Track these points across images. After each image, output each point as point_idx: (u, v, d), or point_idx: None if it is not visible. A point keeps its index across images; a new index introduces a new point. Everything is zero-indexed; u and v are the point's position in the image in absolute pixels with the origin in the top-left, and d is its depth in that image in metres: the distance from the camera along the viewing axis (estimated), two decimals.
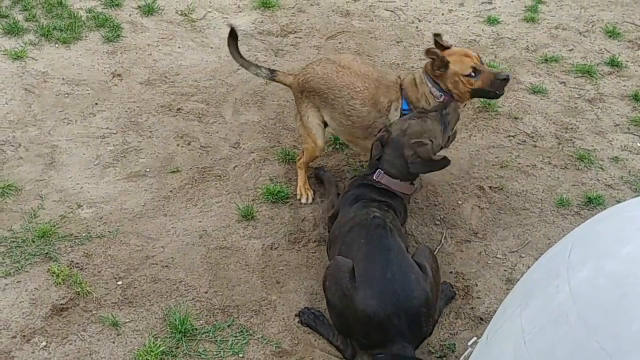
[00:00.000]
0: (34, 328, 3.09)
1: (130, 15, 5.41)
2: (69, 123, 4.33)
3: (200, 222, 3.74)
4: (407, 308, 2.89)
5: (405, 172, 3.38)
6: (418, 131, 3.37)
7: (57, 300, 3.22)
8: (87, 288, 3.29)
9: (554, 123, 4.62)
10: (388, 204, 3.35)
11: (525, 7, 5.90)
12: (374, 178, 3.39)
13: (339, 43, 5.30)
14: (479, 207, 3.98)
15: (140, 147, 4.20)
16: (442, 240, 3.73)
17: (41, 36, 5.04)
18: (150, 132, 4.33)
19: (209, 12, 5.58)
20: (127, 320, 3.16)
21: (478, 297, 3.44)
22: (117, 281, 3.36)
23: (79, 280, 3.32)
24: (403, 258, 3.05)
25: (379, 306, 2.88)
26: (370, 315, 2.88)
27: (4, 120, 4.26)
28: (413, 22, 5.65)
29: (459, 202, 4.00)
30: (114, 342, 3.07)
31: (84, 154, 4.11)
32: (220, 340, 3.12)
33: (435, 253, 3.47)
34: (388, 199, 3.37)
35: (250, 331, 3.18)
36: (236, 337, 3.15)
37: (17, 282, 3.29)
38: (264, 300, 3.34)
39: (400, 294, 2.90)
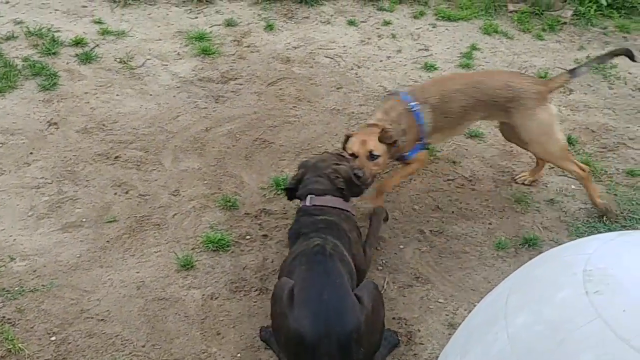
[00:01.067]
0: None
1: (67, 63, 5.35)
2: (3, 173, 4.21)
3: (137, 272, 3.65)
4: (338, 331, 2.90)
5: (332, 187, 3.59)
6: (334, 158, 3.74)
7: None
8: (19, 345, 3.16)
9: (491, 166, 4.72)
10: (330, 227, 3.42)
11: (461, 53, 6.08)
12: (308, 204, 3.52)
13: (280, 89, 5.34)
14: (420, 250, 4.01)
15: (76, 197, 4.10)
16: (385, 286, 3.73)
17: None
18: (87, 181, 4.24)
19: (149, 59, 5.56)
20: None
21: (421, 343, 3.42)
22: (50, 337, 3.24)
23: (11, 337, 3.18)
24: (341, 283, 3.08)
25: (310, 326, 2.89)
26: (302, 334, 2.89)
27: None
28: (352, 69, 5.74)
29: (401, 247, 4.02)
30: None
31: (17, 205, 3.99)
32: None
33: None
34: (328, 221, 3.45)
35: None
36: None
37: None
38: (203, 352, 3.26)
39: (333, 316, 2.92)
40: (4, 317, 3.30)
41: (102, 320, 3.36)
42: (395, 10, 6.73)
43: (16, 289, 3.46)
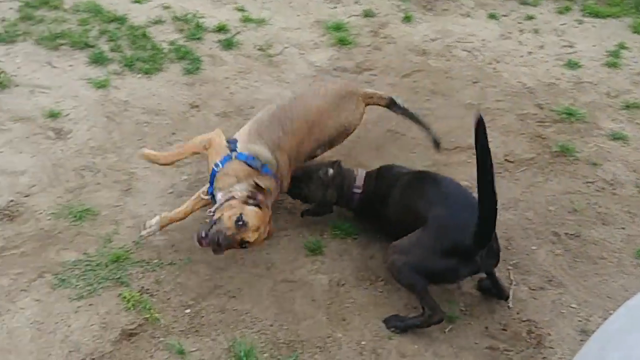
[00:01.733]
0: (103, 352, 3.13)
1: (210, 49, 5.56)
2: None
3: (268, 254, 3.74)
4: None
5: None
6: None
7: (126, 325, 3.26)
8: (156, 314, 3.32)
9: (634, 171, 4.46)
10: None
11: (607, 52, 5.76)
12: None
13: (414, 81, 5.28)
14: (554, 253, 3.86)
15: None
16: (512, 286, 3.61)
17: (125, 66, 5.22)
18: None
19: (287, 47, 5.67)
20: (193, 349, 3.17)
21: (551, 347, 3.31)
22: (185, 309, 3.39)
23: (149, 307, 3.35)
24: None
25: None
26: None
27: (85, 146, 4.41)
28: (490, 63, 5.59)
29: (533, 248, 3.88)
30: None
31: (159, 182, 4.19)
32: None
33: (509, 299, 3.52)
34: None
35: None
36: None
37: (90, 305, 3.35)
38: (329, 337, 3.29)
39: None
40: (143, 287, 3.48)
41: (233, 297, 3.47)
42: (539, 4, 6.48)
43: (155, 261, 3.64)
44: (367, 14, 6.21)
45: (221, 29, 5.77)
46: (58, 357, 3.08)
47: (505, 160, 4.53)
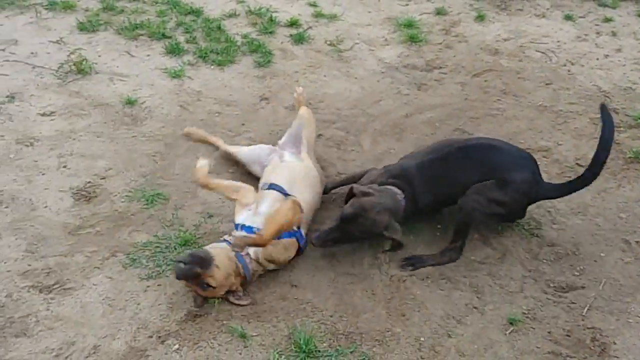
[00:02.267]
0: (169, 330, 3.24)
1: (282, 43, 5.64)
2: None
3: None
4: None
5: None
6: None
7: (192, 306, 3.36)
8: (219, 300, 3.41)
9: None
10: None
11: None
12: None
13: (485, 81, 5.23)
14: (623, 261, 3.76)
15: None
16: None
17: (199, 57, 5.36)
18: None
19: (357, 43, 5.70)
20: (255, 334, 3.24)
21: (615, 357, 3.23)
22: (249, 294, 3.46)
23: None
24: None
25: None
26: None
27: (159, 133, 4.56)
28: (565, 65, 5.48)
29: (602, 255, 3.79)
30: (240, 354, 3.15)
31: (228, 171, 4.29)
32: None
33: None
34: None
35: None
36: None
37: (158, 285, 3.47)
38: (388, 331, 3.31)
39: None
40: None
41: (294, 286, 3.52)
42: (618, 7, 6.31)
43: None
44: (439, 12, 6.18)
45: (293, 23, 5.85)
46: (127, 333, 3.21)
47: (576, 164, 4.43)
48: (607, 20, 6.09)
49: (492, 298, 3.52)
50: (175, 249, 3.67)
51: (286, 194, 3.64)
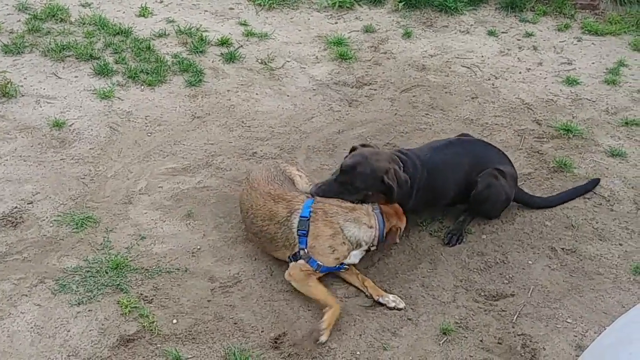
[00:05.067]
0: (101, 357, 3.17)
1: (212, 62, 5.63)
2: (148, 160, 4.50)
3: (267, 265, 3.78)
4: None
5: None
6: None
7: (124, 331, 3.30)
8: (154, 322, 3.36)
9: (632, 188, 4.49)
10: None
11: (607, 69, 5.82)
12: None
13: (413, 96, 5.35)
14: (550, 268, 3.89)
15: (211, 187, 4.31)
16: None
17: (128, 78, 5.30)
18: (223, 173, 4.44)
19: (288, 61, 5.75)
20: (190, 356, 3.21)
21: None
22: (182, 317, 3.42)
23: (147, 313, 3.39)
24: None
25: None
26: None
27: (88, 155, 4.48)
28: (489, 79, 5.65)
29: (529, 262, 3.92)
30: None
31: (160, 190, 4.24)
32: None
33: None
34: None
35: None
36: None
37: (89, 310, 3.40)
38: (324, 346, 3.32)
39: None
40: (141, 294, 3.53)
41: (230, 306, 3.50)
42: (538, 22, 6.55)
43: (154, 268, 3.68)
44: (368, 30, 6.29)
45: (224, 42, 5.85)
46: None
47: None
48: (528, 35, 6.31)
49: (425, 309, 3.58)
50: (107, 272, 3.61)
51: None
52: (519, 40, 6.28)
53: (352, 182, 3.67)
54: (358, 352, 3.31)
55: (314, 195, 3.67)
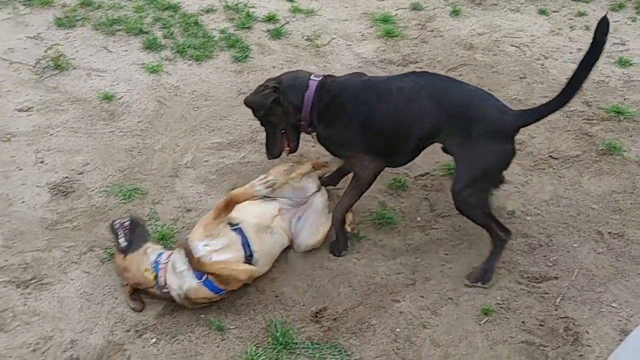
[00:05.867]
0: (146, 324, 3.26)
1: (259, 38, 5.65)
2: (194, 134, 4.56)
3: None
4: None
5: None
6: None
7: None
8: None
9: None
10: None
11: None
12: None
13: (460, 75, 5.28)
14: (596, 251, 3.83)
15: (255, 162, 4.35)
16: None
17: (176, 53, 5.36)
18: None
19: (334, 38, 5.73)
20: (232, 327, 3.27)
21: (588, 345, 3.30)
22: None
23: None
24: None
25: None
26: None
27: (136, 128, 4.56)
28: (539, 59, 5.54)
29: (575, 245, 3.87)
30: (218, 347, 3.18)
31: (206, 164, 4.31)
32: (318, 357, 3.16)
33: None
34: None
35: (349, 352, 3.20)
36: (334, 356, 3.18)
37: None
38: (364, 322, 3.35)
39: None
40: None
41: (272, 279, 3.55)
42: (591, 1, 6.39)
43: None
44: (415, 7, 6.22)
45: (270, 18, 5.86)
46: (104, 327, 3.23)
47: (550, 156, 4.51)
48: (581, 14, 6.16)
49: (466, 289, 3.57)
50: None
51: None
52: (570, 19, 6.14)
53: (261, 122, 3.86)
54: (397, 329, 3.33)
55: (271, 159, 3.90)
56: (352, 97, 3.59)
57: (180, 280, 3.24)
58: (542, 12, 6.21)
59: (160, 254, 3.35)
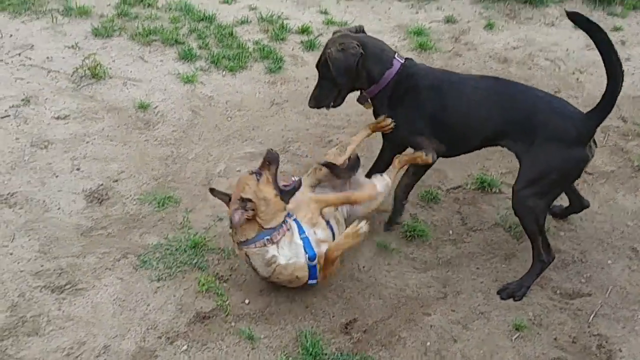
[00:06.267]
0: (177, 331, 3.29)
1: (292, 50, 5.70)
2: (228, 144, 4.61)
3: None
4: None
5: None
6: None
7: (200, 308, 3.40)
8: (229, 301, 3.45)
9: None
10: None
11: None
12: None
13: None
14: (630, 269, 3.77)
15: (287, 173, 4.36)
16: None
17: (211, 63, 5.43)
18: (299, 159, 4.50)
19: None
20: (262, 337, 3.28)
21: None
22: (257, 297, 3.50)
23: (222, 292, 3.49)
24: None
25: None
26: None
27: (170, 137, 4.62)
28: (574, 73, 5.50)
29: (609, 262, 3.81)
30: (248, 356, 3.20)
31: (238, 173, 4.34)
32: None
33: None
34: None
35: None
36: None
37: (167, 287, 3.52)
38: (394, 335, 3.34)
39: None
40: (218, 273, 3.62)
41: (303, 289, 3.54)
42: (627, 16, 6.32)
43: (230, 249, 3.75)
44: (449, 20, 6.22)
45: (304, 30, 5.91)
46: (136, 333, 3.26)
47: (585, 172, 4.44)
48: (617, 29, 6.10)
49: (498, 303, 3.54)
50: (185, 251, 3.72)
51: None
52: None
53: (322, 74, 3.74)
54: (428, 343, 3.32)
55: (311, 107, 3.85)
56: (431, 86, 3.63)
57: (291, 251, 3.27)
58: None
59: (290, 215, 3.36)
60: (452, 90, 3.61)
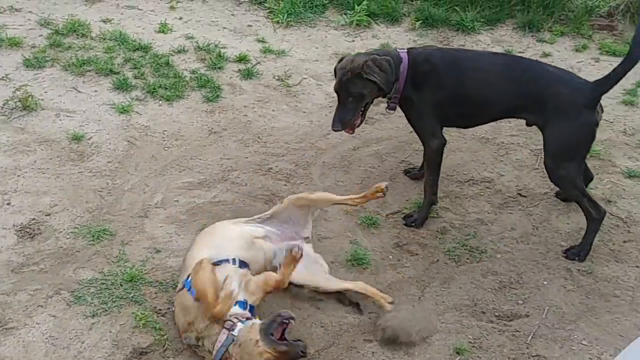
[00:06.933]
0: None
1: (230, 78, 5.68)
2: (165, 174, 4.54)
3: None
4: None
5: None
6: None
7: (137, 344, 3.31)
8: (167, 335, 3.37)
9: None
10: None
11: (625, 90, 5.77)
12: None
13: None
14: (566, 289, 3.86)
15: (226, 202, 4.33)
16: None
17: (147, 93, 5.36)
18: (238, 188, 4.47)
19: (305, 78, 5.78)
20: None
21: None
22: None
23: (160, 326, 3.41)
24: None
25: None
26: None
27: (105, 168, 4.52)
28: None
29: (544, 283, 3.89)
30: None
31: (176, 204, 4.28)
32: None
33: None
34: None
35: None
36: None
37: (103, 323, 3.42)
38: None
39: None
40: (155, 307, 3.54)
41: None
42: (556, 42, 6.54)
43: (169, 282, 3.69)
44: (384, 48, 6.31)
45: (242, 59, 5.90)
46: None
47: (519, 194, 4.56)
48: (546, 55, 6.31)
49: (438, 328, 3.57)
50: (121, 285, 3.63)
51: None
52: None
53: (349, 93, 3.94)
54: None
55: (337, 130, 4.04)
56: (448, 67, 3.99)
57: None
58: (508, 52, 6.35)
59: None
60: (470, 66, 4.00)
